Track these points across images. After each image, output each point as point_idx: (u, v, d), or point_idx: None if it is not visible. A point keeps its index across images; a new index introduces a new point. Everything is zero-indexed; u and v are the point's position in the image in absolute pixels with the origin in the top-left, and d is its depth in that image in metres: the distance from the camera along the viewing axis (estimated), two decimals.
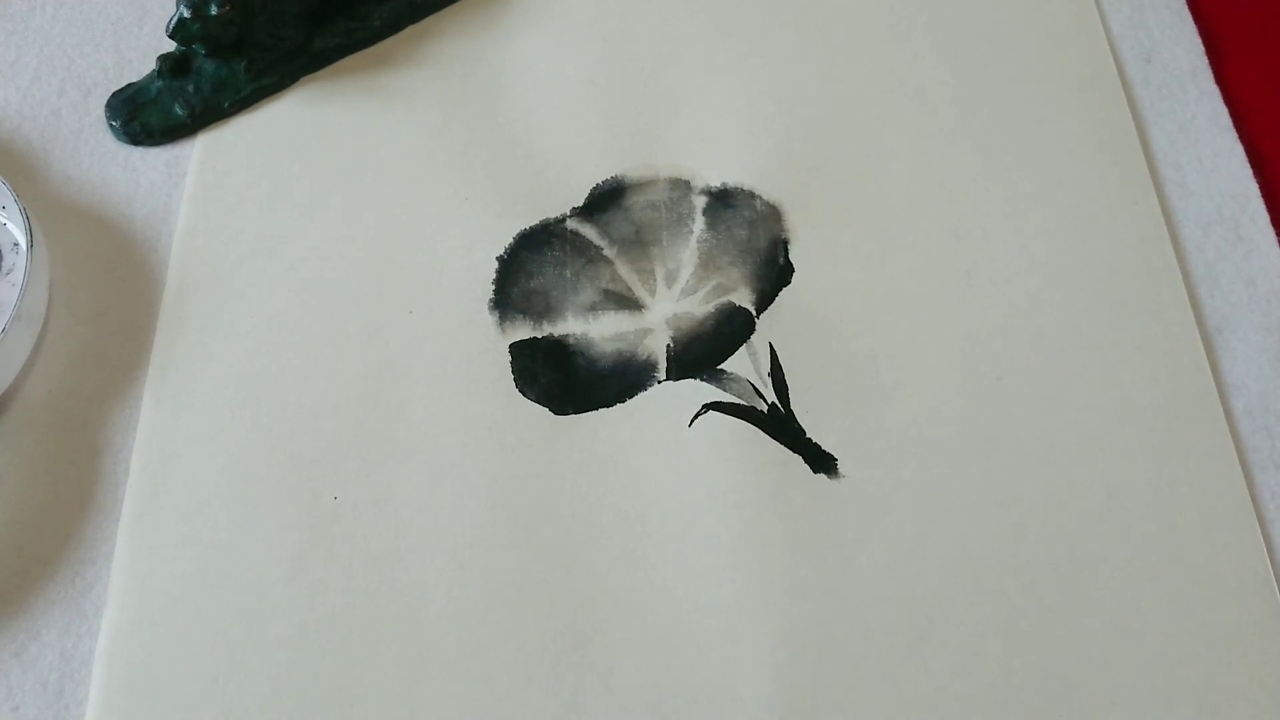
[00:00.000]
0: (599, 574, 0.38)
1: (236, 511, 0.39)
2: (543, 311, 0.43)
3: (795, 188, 0.46)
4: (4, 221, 0.43)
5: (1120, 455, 0.40)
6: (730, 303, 0.43)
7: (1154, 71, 0.49)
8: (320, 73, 0.50)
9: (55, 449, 0.41)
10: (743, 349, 0.42)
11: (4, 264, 0.42)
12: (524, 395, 0.41)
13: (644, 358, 0.42)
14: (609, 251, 0.44)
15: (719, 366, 0.42)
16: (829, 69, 0.49)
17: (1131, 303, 0.43)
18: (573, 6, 0.51)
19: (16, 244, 0.43)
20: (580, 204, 0.46)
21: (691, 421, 0.41)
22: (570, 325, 0.43)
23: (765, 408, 0.41)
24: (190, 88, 0.48)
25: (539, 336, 0.43)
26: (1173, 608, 0.37)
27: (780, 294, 0.43)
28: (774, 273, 0.44)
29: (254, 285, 0.44)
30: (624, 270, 0.44)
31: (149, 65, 0.49)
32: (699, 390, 0.41)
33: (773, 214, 0.45)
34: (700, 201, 0.46)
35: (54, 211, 0.46)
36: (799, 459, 0.40)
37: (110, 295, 0.44)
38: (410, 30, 0.51)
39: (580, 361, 0.42)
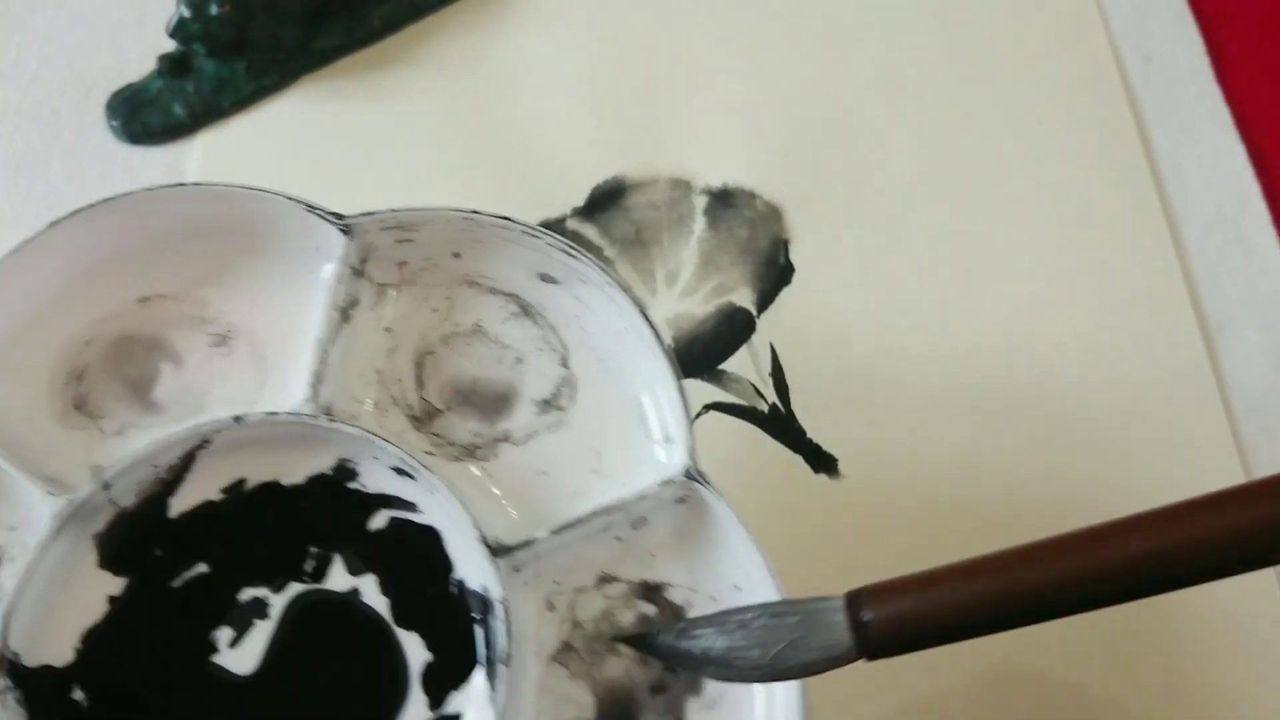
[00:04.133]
0: None
1: None
2: None
3: (795, 188, 0.46)
4: None
5: (1121, 456, 0.40)
6: (730, 303, 0.43)
7: (1154, 71, 0.49)
8: (320, 73, 0.49)
9: None
10: (743, 349, 0.42)
11: None
12: None
13: None
14: (609, 251, 0.44)
15: (719, 366, 0.42)
16: (829, 69, 0.49)
17: (1132, 303, 0.43)
18: (573, 6, 0.51)
19: None
20: (580, 204, 0.46)
21: (692, 422, 0.41)
22: None
23: (766, 408, 0.41)
24: (190, 88, 0.48)
25: None
26: (1172, 607, 0.37)
27: (780, 294, 0.43)
28: (774, 273, 0.44)
29: None
30: (624, 270, 0.44)
31: (149, 65, 0.49)
32: (699, 390, 0.41)
33: (773, 214, 0.45)
34: (701, 201, 0.46)
35: (54, 212, 0.46)
36: (799, 459, 0.40)
37: None
38: (410, 30, 0.51)
39: None
